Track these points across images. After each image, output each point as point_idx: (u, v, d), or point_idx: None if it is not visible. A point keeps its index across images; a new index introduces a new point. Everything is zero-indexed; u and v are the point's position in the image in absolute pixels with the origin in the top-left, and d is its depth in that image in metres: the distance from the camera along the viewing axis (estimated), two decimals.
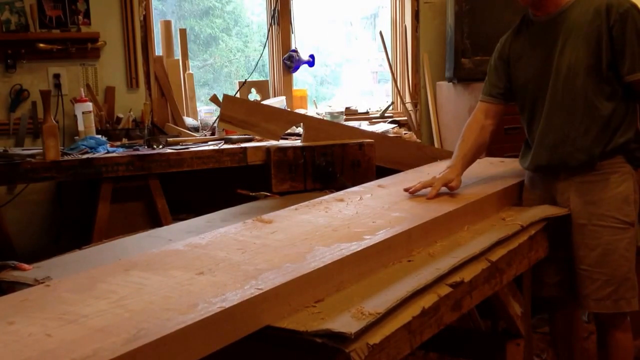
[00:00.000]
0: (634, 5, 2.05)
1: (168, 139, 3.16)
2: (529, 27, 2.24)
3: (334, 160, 2.97)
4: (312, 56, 4.04)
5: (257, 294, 1.21)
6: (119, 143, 3.18)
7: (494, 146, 3.72)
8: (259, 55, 3.91)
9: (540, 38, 2.18)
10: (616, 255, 2.09)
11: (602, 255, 2.10)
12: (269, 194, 2.77)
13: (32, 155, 2.84)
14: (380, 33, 4.15)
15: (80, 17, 3.40)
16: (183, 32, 3.76)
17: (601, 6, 2.05)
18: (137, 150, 3.00)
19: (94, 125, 3.21)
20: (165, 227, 2.31)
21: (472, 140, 2.30)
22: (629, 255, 2.11)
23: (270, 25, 3.99)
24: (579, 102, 2.10)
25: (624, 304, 2.11)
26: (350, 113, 4.12)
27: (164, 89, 3.64)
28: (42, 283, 1.46)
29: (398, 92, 4.26)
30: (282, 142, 3.11)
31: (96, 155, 2.88)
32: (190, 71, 3.78)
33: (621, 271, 2.10)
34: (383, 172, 2.90)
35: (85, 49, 3.39)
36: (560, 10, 2.13)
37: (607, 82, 2.07)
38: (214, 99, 3.34)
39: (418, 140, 3.89)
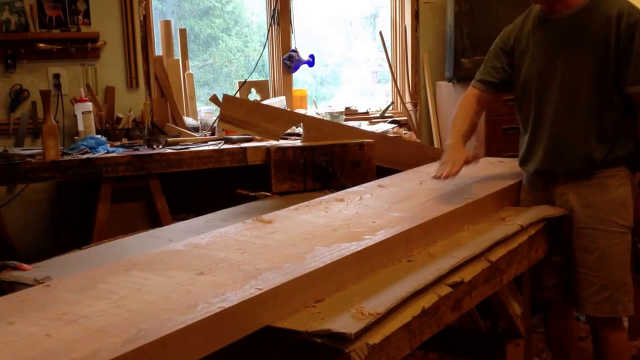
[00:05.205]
0: None
1: (168, 139, 3.16)
2: (537, 23, 2.17)
3: (334, 160, 2.97)
4: (312, 56, 4.04)
5: (257, 294, 1.21)
6: (118, 143, 3.18)
7: (493, 146, 3.75)
8: (259, 55, 3.91)
9: (547, 38, 2.14)
10: (613, 259, 2.08)
11: (600, 259, 2.09)
12: (269, 194, 2.77)
13: (32, 155, 2.84)
14: (380, 33, 4.14)
15: (80, 17, 3.39)
16: (183, 32, 3.76)
17: (612, 14, 2.00)
18: (137, 150, 3.00)
19: (93, 125, 3.20)
20: (165, 227, 2.31)
21: (468, 120, 2.30)
22: (626, 260, 2.10)
23: (270, 25, 3.99)
24: (582, 110, 2.08)
25: (621, 308, 2.10)
26: (350, 113, 4.12)
27: (163, 89, 3.64)
28: (42, 283, 1.46)
29: (398, 92, 4.25)
30: (282, 142, 3.11)
31: (96, 155, 2.88)
32: (190, 71, 3.78)
33: (618, 276, 2.08)
34: (383, 172, 2.90)
35: (85, 49, 3.39)
36: (572, 12, 2.08)
37: (611, 92, 2.05)
38: (214, 99, 3.34)
39: (418, 140, 3.88)
